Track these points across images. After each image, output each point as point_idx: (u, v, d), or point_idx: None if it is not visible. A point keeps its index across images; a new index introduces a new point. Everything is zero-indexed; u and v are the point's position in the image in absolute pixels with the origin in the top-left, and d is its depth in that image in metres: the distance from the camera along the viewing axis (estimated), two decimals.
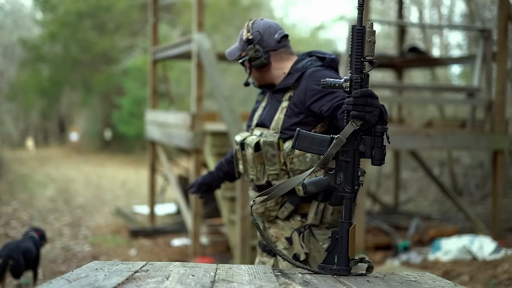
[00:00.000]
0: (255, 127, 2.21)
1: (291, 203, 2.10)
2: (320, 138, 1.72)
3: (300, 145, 1.75)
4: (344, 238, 1.68)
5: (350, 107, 1.63)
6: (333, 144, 1.66)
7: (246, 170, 2.19)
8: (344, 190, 1.69)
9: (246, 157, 2.15)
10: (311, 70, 2.08)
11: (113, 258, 5.80)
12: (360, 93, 1.62)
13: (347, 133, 1.64)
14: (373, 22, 1.76)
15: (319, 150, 1.71)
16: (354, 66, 1.65)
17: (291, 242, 2.10)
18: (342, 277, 1.66)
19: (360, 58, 1.65)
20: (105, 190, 10.64)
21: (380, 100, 1.71)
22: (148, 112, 7.99)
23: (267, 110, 2.18)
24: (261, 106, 2.23)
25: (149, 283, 1.44)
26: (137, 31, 17.56)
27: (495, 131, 6.17)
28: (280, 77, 2.18)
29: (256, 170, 2.12)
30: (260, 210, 2.15)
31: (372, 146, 1.66)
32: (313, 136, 1.72)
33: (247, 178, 2.21)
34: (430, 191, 9.89)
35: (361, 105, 1.62)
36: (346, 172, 1.69)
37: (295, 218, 2.12)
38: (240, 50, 2.22)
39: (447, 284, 1.61)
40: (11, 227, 7.15)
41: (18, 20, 21.60)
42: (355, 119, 1.63)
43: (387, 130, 1.67)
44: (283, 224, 2.14)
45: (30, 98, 19.40)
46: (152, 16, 7.88)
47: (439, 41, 14.10)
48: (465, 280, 4.56)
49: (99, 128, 19.42)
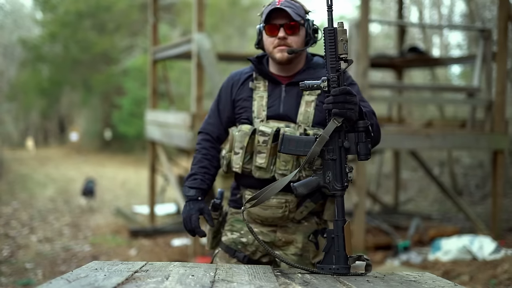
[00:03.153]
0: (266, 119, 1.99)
1: (313, 202, 1.98)
2: (305, 140, 1.76)
3: (286, 149, 1.78)
4: (340, 236, 1.70)
5: (330, 105, 1.68)
6: (316, 142, 1.69)
7: (273, 164, 1.95)
8: (334, 188, 1.72)
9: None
10: None
11: (113, 258, 5.80)
12: (338, 91, 1.67)
13: (330, 130, 1.68)
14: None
15: (305, 152, 1.74)
16: (330, 66, 1.70)
17: (317, 246, 2.01)
18: (342, 277, 1.66)
19: (334, 57, 1.70)
20: (105, 190, 10.65)
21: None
22: (148, 112, 7.99)
23: (284, 102, 1.98)
24: (262, 96, 2.02)
25: (149, 283, 1.44)
26: (137, 31, 17.56)
27: (495, 131, 6.17)
28: (298, 68, 2.04)
29: (292, 164, 1.92)
30: (278, 215, 1.97)
31: (357, 142, 1.71)
32: (298, 139, 1.77)
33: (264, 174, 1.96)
34: (430, 191, 9.89)
35: (341, 102, 1.66)
36: (334, 170, 1.72)
37: (311, 220, 2.03)
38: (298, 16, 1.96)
39: (447, 284, 1.61)
40: (11, 227, 7.15)
41: (18, 20, 21.60)
42: (336, 116, 1.68)
43: (369, 125, 1.71)
44: (295, 227, 2.02)
45: (30, 98, 19.41)
46: (152, 16, 7.88)
47: (439, 41, 14.11)
48: (465, 280, 4.56)
49: (99, 128, 19.42)
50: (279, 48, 1.97)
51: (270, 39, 1.99)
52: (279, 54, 1.97)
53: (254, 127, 1.97)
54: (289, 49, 1.95)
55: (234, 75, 2.13)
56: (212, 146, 2.13)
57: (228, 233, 2.12)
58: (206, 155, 2.10)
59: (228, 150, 2.04)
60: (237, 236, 2.09)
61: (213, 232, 2.12)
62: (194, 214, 2.01)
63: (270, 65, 2.07)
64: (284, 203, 1.96)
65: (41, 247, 6.16)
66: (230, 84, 2.11)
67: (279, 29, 1.95)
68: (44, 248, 6.15)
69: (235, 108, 2.08)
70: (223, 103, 2.12)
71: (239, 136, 1.98)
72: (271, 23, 1.97)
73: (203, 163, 2.09)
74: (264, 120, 1.98)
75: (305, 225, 2.03)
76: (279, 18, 1.95)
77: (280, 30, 1.95)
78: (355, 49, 6.18)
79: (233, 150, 2.01)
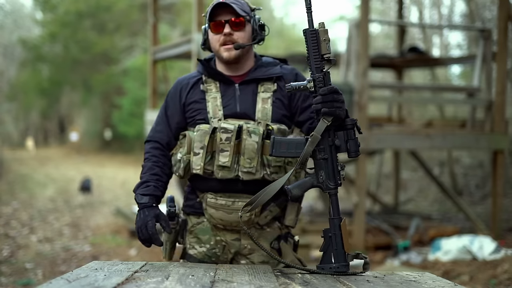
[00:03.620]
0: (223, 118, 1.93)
1: (278, 206, 1.97)
2: (296, 141, 1.74)
3: (277, 152, 1.75)
4: (337, 234, 1.70)
5: (319, 105, 1.68)
6: (308, 142, 1.69)
7: (236, 162, 1.89)
8: (328, 187, 1.72)
9: (242, 147, 1.88)
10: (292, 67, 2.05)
11: (113, 258, 5.80)
12: (327, 90, 1.67)
13: (321, 129, 1.68)
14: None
15: (297, 153, 1.73)
16: (315, 66, 1.70)
17: (280, 253, 1.98)
18: (342, 277, 1.66)
19: (318, 57, 1.70)
20: (105, 190, 10.65)
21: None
22: (148, 112, 7.99)
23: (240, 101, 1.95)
24: (215, 97, 1.96)
25: (149, 283, 1.44)
26: (137, 31, 17.57)
27: (495, 131, 6.17)
28: (248, 67, 2.01)
29: (257, 161, 1.87)
30: (244, 219, 1.91)
31: (346, 140, 1.71)
32: (289, 141, 1.75)
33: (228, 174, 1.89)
34: (430, 191, 9.88)
35: (330, 101, 1.67)
36: (326, 169, 1.71)
37: (273, 225, 2.00)
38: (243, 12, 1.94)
39: (447, 284, 1.61)
40: (11, 227, 7.15)
41: (18, 20, 21.60)
42: (326, 115, 1.68)
43: (357, 122, 1.73)
44: (258, 233, 1.98)
45: (30, 98, 19.42)
46: (152, 16, 7.88)
47: (439, 41, 14.11)
48: (465, 280, 4.56)
49: (99, 128, 19.43)
50: (225, 47, 1.93)
51: (216, 37, 1.94)
52: (226, 53, 1.93)
53: (213, 126, 1.90)
54: (236, 44, 1.91)
55: (182, 80, 2.06)
56: (162, 154, 2.02)
57: (196, 245, 2.02)
58: (157, 162, 2.00)
59: (186, 152, 1.94)
60: (207, 249, 2.00)
61: (171, 242, 2.01)
62: (150, 220, 1.88)
63: (218, 66, 2.02)
64: None
65: (41, 247, 6.16)
66: (178, 90, 2.04)
67: (224, 25, 1.92)
68: (44, 248, 6.15)
69: (187, 112, 2.00)
70: (171, 109, 2.03)
71: (199, 136, 1.90)
72: (215, 20, 1.93)
73: (154, 170, 1.99)
74: (221, 119, 1.92)
75: (267, 231, 1.99)
76: (224, 14, 1.91)
77: (225, 26, 1.91)
78: (355, 49, 6.18)
79: (192, 151, 1.91)
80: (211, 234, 2.00)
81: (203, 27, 2.01)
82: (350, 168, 9.52)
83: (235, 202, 1.91)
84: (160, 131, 2.04)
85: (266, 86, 1.97)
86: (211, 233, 2.00)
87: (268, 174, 1.90)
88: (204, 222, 2.01)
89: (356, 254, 1.70)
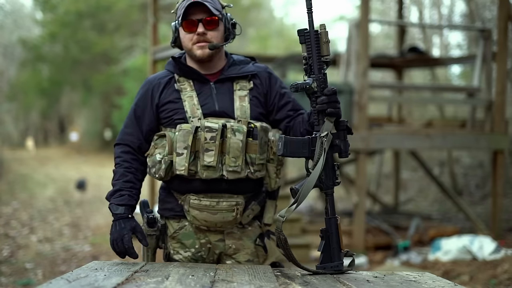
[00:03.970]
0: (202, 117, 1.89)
1: (259, 204, 1.97)
2: (301, 141, 1.73)
3: (288, 151, 1.72)
4: (335, 233, 1.72)
5: (325, 105, 1.69)
6: (326, 142, 1.68)
7: (221, 161, 1.86)
8: (327, 187, 1.73)
9: (227, 146, 1.85)
10: (265, 65, 2.05)
11: (113, 258, 5.79)
12: (332, 91, 1.70)
13: (329, 129, 1.69)
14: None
15: (303, 153, 1.72)
16: (318, 67, 1.71)
17: (266, 250, 1.98)
18: (342, 277, 1.66)
19: (320, 59, 1.71)
20: (105, 190, 10.63)
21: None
22: None
23: (218, 99, 1.92)
24: (191, 96, 1.92)
25: (149, 283, 1.44)
26: (137, 31, 17.57)
27: (495, 131, 6.17)
28: (221, 65, 1.98)
29: (241, 160, 1.85)
30: (229, 219, 1.90)
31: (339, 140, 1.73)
32: (296, 140, 1.72)
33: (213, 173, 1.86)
34: (430, 191, 9.88)
35: (333, 102, 1.69)
36: (326, 169, 1.72)
37: (253, 224, 2.00)
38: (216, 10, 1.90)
39: (447, 284, 1.61)
40: (11, 227, 7.15)
41: (18, 20, 21.60)
42: (330, 116, 1.69)
43: (347, 122, 1.75)
44: (240, 232, 1.97)
45: (30, 98, 19.42)
46: (152, 16, 7.88)
47: (439, 41, 14.10)
48: (465, 280, 4.56)
49: (99, 128, 19.43)
50: (199, 45, 1.90)
51: (189, 36, 1.91)
52: (199, 51, 1.90)
53: (195, 125, 1.85)
54: (210, 44, 1.88)
55: (152, 80, 2.00)
56: (134, 158, 1.96)
57: (181, 251, 1.98)
58: (129, 168, 1.94)
59: (168, 152, 1.88)
60: (193, 253, 1.97)
61: (152, 248, 2.00)
62: (126, 234, 1.84)
63: (189, 65, 1.98)
64: (235, 206, 1.89)
65: (41, 247, 6.16)
66: (149, 90, 1.98)
67: (198, 24, 1.89)
68: (44, 248, 6.15)
69: (161, 112, 1.94)
70: (142, 111, 1.97)
71: (181, 136, 1.85)
72: (188, 18, 1.89)
73: (127, 177, 1.92)
74: (201, 118, 1.88)
75: (249, 230, 1.98)
76: (197, 13, 1.88)
77: (199, 26, 1.88)
78: (355, 49, 6.18)
79: (175, 151, 1.85)
80: (195, 238, 1.97)
81: (173, 24, 1.97)
82: (350, 168, 9.52)
83: (219, 203, 1.89)
84: (131, 134, 1.97)
85: (241, 84, 1.96)
86: (195, 237, 1.96)
87: (252, 173, 1.89)
88: (186, 226, 1.97)
89: (346, 252, 1.73)
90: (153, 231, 1.97)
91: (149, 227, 1.96)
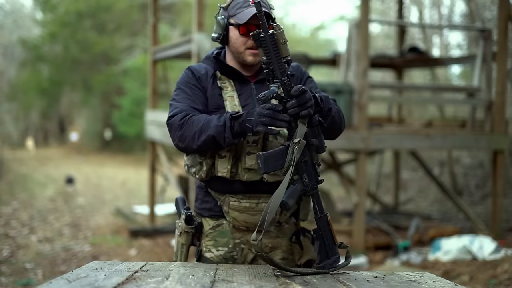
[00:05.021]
0: None
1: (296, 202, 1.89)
2: (278, 151, 1.69)
3: (269, 168, 1.68)
4: (327, 230, 1.73)
5: (296, 109, 1.65)
6: (297, 150, 1.65)
7: None
8: (312, 188, 1.73)
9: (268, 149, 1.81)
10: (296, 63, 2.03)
11: (113, 258, 5.80)
12: (299, 91, 1.65)
13: (303, 133, 1.66)
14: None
15: (280, 165, 1.68)
16: (280, 71, 1.67)
17: (302, 247, 1.95)
18: (342, 277, 1.66)
19: (281, 60, 1.67)
20: (105, 190, 10.65)
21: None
22: (148, 112, 7.99)
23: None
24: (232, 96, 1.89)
25: (149, 283, 1.44)
26: (137, 31, 17.57)
27: (495, 131, 6.17)
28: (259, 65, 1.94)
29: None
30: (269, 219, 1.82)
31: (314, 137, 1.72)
32: (273, 153, 1.69)
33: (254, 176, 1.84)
34: (430, 191, 9.88)
35: (304, 103, 1.65)
36: (307, 171, 1.72)
37: (290, 221, 1.98)
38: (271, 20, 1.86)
39: (447, 284, 1.61)
40: (11, 227, 7.15)
41: (18, 20, 21.59)
42: (303, 118, 1.66)
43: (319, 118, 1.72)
44: (277, 230, 1.96)
45: (30, 98, 19.40)
46: (152, 16, 7.88)
47: (439, 41, 14.10)
48: (465, 280, 4.56)
49: (99, 128, 19.43)
50: (252, 52, 1.88)
51: (243, 39, 1.88)
52: (251, 57, 1.88)
53: None
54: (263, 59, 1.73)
55: (198, 69, 1.95)
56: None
57: (213, 249, 1.97)
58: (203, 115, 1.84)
59: (209, 155, 1.85)
60: (225, 252, 1.95)
61: (187, 245, 1.99)
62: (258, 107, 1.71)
63: (229, 63, 1.96)
64: None
65: (41, 247, 6.16)
66: (196, 76, 1.93)
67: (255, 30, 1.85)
68: (44, 248, 6.15)
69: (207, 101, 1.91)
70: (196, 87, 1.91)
71: None
72: (248, 23, 1.85)
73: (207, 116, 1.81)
74: None
75: (286, 227, 1.97)
76: (256, 19, 1.80)
77: None
78: (355, 49, 6.18)
79: (218, 153, 1.83)
80: (230, 237, 1.95)
81: (222, 20, 1.91)
82: (350, 168, 9.51)
83: (258, 204, 1.88)
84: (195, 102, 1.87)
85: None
86: (230, 236, 1.95)
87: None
88: (224, 225, 1.96)
89: (340, 243, 1.75)
90: (190, 228, 1.96)
91: (186, 224, 1.96)
